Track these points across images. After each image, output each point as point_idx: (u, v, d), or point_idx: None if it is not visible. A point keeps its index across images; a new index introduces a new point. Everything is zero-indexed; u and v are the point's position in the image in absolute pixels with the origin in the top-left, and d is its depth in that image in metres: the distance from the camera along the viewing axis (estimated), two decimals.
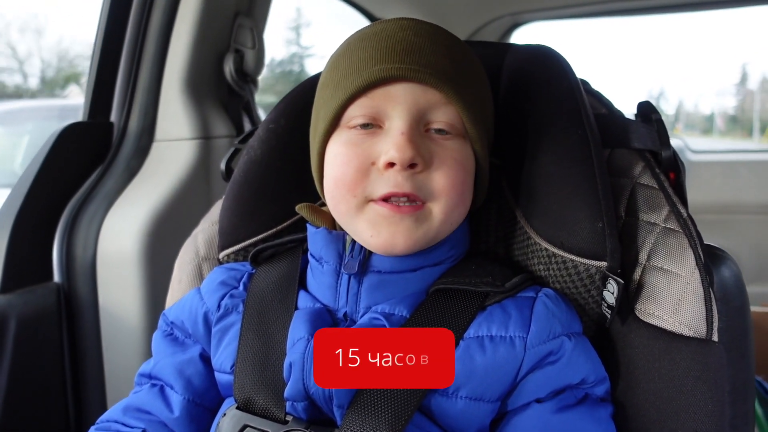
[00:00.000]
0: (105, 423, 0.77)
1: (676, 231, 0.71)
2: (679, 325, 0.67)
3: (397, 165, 0.64)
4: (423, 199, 0.67)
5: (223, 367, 0.74)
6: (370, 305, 0.70)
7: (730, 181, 2.75)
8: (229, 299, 0.78)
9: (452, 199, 0.68)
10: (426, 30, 0.69)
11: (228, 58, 1.49)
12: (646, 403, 0.68)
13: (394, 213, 0.66)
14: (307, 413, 0.65)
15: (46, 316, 1.21)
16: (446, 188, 0.67)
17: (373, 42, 0.69)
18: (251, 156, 0.88)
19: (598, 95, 0.88)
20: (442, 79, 0.66)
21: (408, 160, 0.64)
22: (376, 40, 0.69)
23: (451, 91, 0.66)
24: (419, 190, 0.66)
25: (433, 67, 0.66)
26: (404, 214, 0.66)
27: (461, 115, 0.68)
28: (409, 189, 0.65)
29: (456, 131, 0.69)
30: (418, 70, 0.65)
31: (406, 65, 0.65)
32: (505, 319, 0.67)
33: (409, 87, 0.66)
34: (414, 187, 0.65)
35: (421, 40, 0.68)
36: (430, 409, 0.65)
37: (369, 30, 0.72)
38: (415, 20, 0.71)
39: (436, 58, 0.67)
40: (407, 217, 0.66)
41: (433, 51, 0.67)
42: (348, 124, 0.69)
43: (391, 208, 0.66)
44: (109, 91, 1.42)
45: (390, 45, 0.67)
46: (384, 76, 0.66)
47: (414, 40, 0.67)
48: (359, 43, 0.70)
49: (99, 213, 1.29)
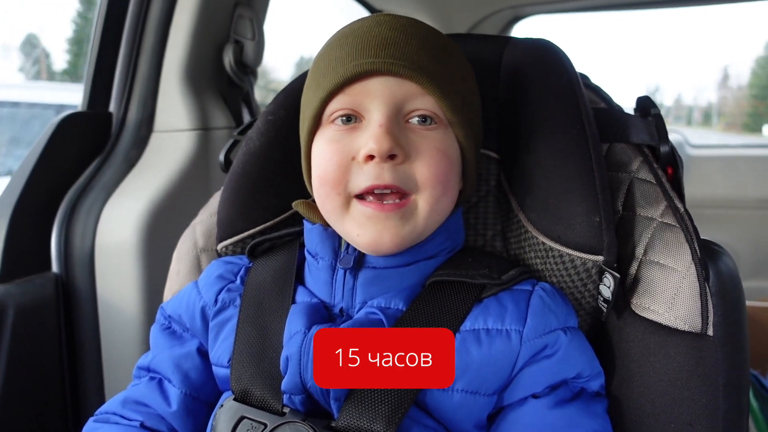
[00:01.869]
0: (104, 415, 0.77)
1: (672, 226, 0.71)
2: (675, 319, 0.67)
3: (376, 157, 0.65)
4: (407, 190, 0.66)
5: (221, 361, 0.74)
6: (366, 300, 0.70)
7: (729, 176, 2.75)
8: (226, 293, 0.78)
9: (437, 188, 0.68)
10: (401, 24, 0.69)
11: (227, 49, 1.49)
12: (641, 396, 0.69)
13: (378, 212, 0.66)
14: (305, 406, 0.65)
15: (44, 306, 1.21)
16: (430, 178, 0.67)
17: (350, 39, 0.69)
18: (250, 147, 0.88)
19: (597, 89, 0.87)
20: (416, 70, 0.66)
21: (386, 151, 0.64)
22: (353, 38, 0.69)
23: (426, 81, 0.66)
24: (402, 182, 0.66)
25: (408, 59, 0.66)
26: (389, 212, 0.66)
27: (440, 103, 0.68)
28: (390, 180, 0.65)
29: (437, 120, 0.69)
30: (392, 63, 0.66)
31: (380, 59, 0.66)
32: (502, 312, 0.67)
33: (385, 80, 0.66)
34: (396, 178, 0.65)
35: (396, 33, 0.68)
36: (426, 403, 0.65)
37: (347, 28, 0.72)
38: (392, 15, 0.71)
39: (410, 50, 0.67)
40: (393, 215, 0.66)
41: (408, 43, 0.67)
42: (329, 120, 0.69)
43: (376, 207, 0.66)
44: (109, 81, 1.41)
45: (365, 41, 0.68)
46: (359, 71, 0.66)
47: (389, 34, 0.68)
48: (337, 41, 0.71)
49: (97, 203, 1.29)
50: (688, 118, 26.87)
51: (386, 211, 0.66)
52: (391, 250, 0.68)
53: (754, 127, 20.09)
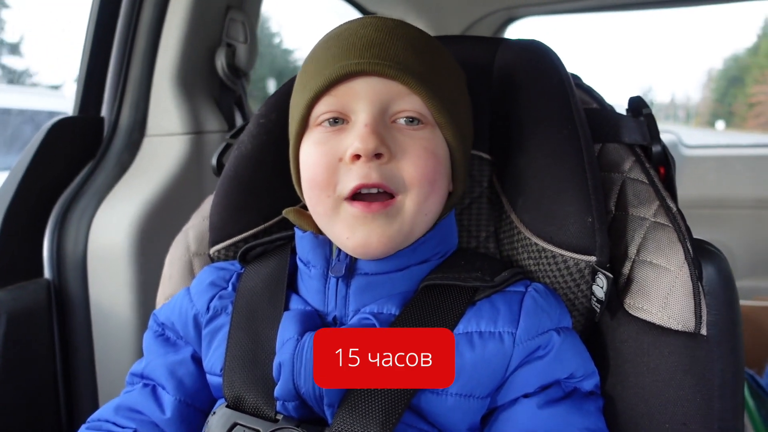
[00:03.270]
0: (96, 422, 0.76)
1: (665, 225, 0.71)
2: (668, 318, 0.67)
3: (362, 156, 0.65)
4: (394, 190, 0.66)
5: (214, 369, 0.74)
6: (359, 308, 0.70)
7: (723, 175, 2.76)
8: (218, 300, 0.78)
9: (424, 188, 0.67)
10: (387, 25, 0.70)
11: (220, 52, 1.48)
12: (635, 396, 0.68)
13: (366, 213, 0.66)
14: (298, 412, 0.65)
15: (37, 312, 1.20)
16: (416, 177, 0.67)
17: (336, 41, 0.69)
18: (242, 151, 0.88)
19: (589, 90, 0.88)
20: (402, 71, 0.66)
21: (372, 150, 0.64)
22: (339, 40, 0.69)
23: (412, 81, 0.66)
24: (389, 181, 0.66)
25: (393, 59, 0.66)
26: (375, 213, 0.66)
27: (426, 103, 0.68)
28: (377, 179, 0.65)
29: (424, 120, 0.69)
30: (377, 63, 0.66)
31: (366, 60, 0.66)
32: (494, 315, 0.67)
33: (370, 81, 0.67)
34: (382, 177, 0.65)
35: (381, 35, 0.68)
36: (420, 407, 0.65)
37: (334, 31, 0.72)
38: (378, 17, 0.72)
39: (396, 51, 0.67)
40: (379, 216, 0.66)
41: (393, 44, 0.67)
42: (316, 123, 0.69)
43: (362, 207, 0.66)
44: (100, 86, 1.40)
45: (351, 42, 0.68)
46: (345, 72, 0.66)
47: (374, 35, 0.68)
48: (324, 44, 0.71)
49: (90, 208, 1.28)
50: (674, 116, 33.37)
51: (373, 211, 0.66)
52: (379, 252, 0.68)
53: (711, 123, 28.38)
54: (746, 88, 13.31)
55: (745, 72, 9.35)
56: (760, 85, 7.42)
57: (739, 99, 9.38)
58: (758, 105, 7.10)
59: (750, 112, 11.02)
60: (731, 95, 24.83)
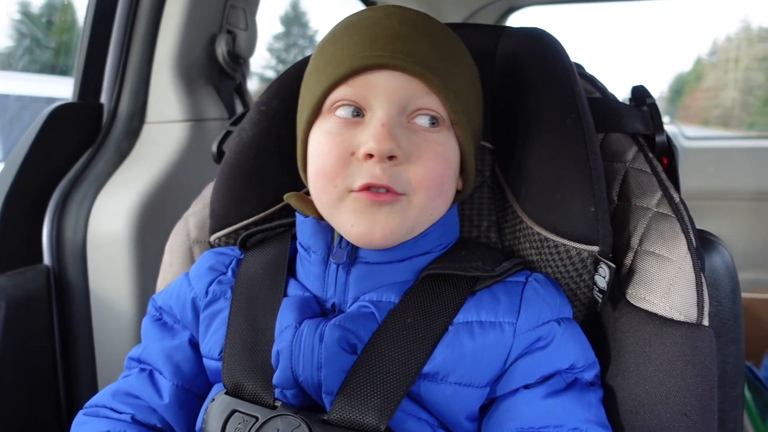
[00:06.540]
0: (93, 408, 0.76)
1: (668, 216, 0.71)
2: (670, 309, 0.67)
3: (375, 156, 0.64)
4: (401, 191, 0.66)
5: (212, 353, 0.73)
6: (358, 295, 0.69)
7: (724, 167, 2.76)
8: (217, 285, 0.77)
9: (431, 191, 0.67)
10: (411, 18, 0.68)
11: (220, 39, 1.47)
12: (636, 386, 0.68)
13: (371, 202, 0.65)
14: (297, 400, 0.65)
15: (36, 298, 1.20)
16: (425, 181, 0.66)
17: (358, 29, 0.68)
18: (242, 138, 0.87)
19: (593, 79, 0.87)
20: (425, 69, 0.65)
21: (386, 152, 0.63)
22: (361, 28, 0.68)
23: (434, 81, 0.65)
24: (397, 183, 0.65)
25: (417, 56, 0.65)
26: (382, 203, 0.65)
27: (444, 104, 0.67)
28: (386, 181, 0.64)
29: (440, 121, 0.68)
30: (401, 59, 0.64)
31: (389, 53, 0.64)
32: (495, 305, 0.67)
33: (391, 75, 0.65)
34: (392, 179, 0.64)
35: (406, 28, 0.66)
36: (419, 395, 0.65)
37: (355, 17, 0.71)
38: (401, 8, 0.70)
39: (420, 47, 0.66)
40: (385, 206, 0.65)
41: (418, 39, 0.66)
42: (330, 111, 0.68)
43: (368, 196, 0.65)
44: (99, 72, 1.39)
45: (374, 33, 0.66)
46: (366, 63, 0.65)
47: (399, 28, 0.66)
48: (344, 30, 0.70)
49: (89, 195, 1.28)
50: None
51: (380, 200, 0.65)
52: (382, 243, 0.67)
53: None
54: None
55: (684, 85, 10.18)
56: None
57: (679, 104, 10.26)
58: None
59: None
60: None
